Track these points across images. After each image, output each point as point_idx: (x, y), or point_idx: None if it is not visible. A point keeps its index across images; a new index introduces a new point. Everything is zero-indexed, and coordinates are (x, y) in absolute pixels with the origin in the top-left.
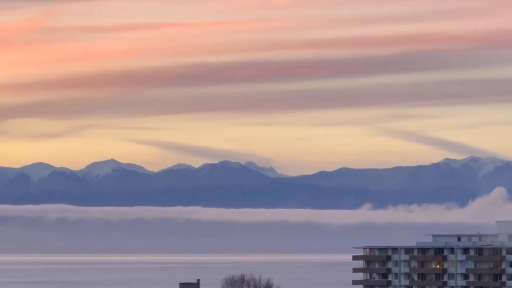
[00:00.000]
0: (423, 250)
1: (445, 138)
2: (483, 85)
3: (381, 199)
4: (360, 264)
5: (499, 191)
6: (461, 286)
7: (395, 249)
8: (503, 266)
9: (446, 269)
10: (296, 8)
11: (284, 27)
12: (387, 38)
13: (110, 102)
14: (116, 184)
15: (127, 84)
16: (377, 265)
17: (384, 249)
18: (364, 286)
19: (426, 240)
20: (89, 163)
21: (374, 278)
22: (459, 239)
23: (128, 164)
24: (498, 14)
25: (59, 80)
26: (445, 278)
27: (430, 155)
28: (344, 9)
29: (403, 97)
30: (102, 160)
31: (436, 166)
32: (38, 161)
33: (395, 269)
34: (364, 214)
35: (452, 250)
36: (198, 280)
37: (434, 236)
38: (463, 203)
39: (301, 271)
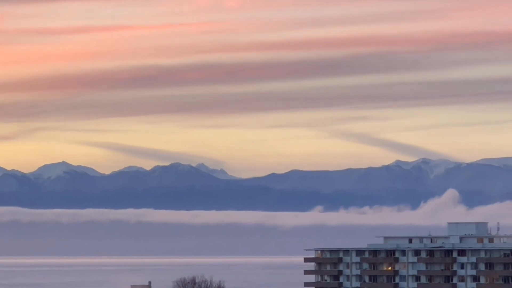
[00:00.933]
0: (374, 252)
1: (396, 140)
2: (434, 87)
3: (333, 201)
4: (312, 266)
5: (450, 193)
6: None
7: (346, 251)
8: (455, 268)
9: (397, 271)
10: (248, 10)
11: (235, 29)
12: (338, 40)
13: (61, 104)
14: (67, 186)
15: (79, 87)
16: (328, 267)
17: (336, 251)
18: None
19: (378, 242)
20: (41, 165)
21: (326, 280)
22: (410, 241)
23: (80, 166)
24: (447, 16)
25: (10, 82)
26: (397, 280)
27: (381, 157)
28: (294, 11)
29: (354, 99)
30: (54, 162)
31: (387, 168)
32: None
33: (347, 271)
34: (316, 216)
35: (403, 252)
36: (150, 282)
37: (385, 238)
38: (414, 205)
39: (253, 273)
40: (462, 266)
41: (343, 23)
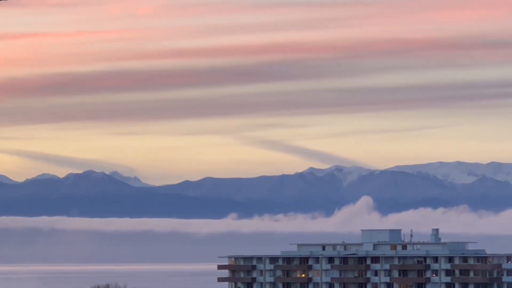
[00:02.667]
0: (288, 259)
1: (309, 147)
2: (347, 94)
3: (247, 209)
4: (225, 273)
5: (364, 200)
6: None
7: (260, 258)
8: (368, 275)
9: (311, 278)
10: (160, 17)
11: (148, 37)
12: (251, 48)
13: None
14: None
15: None
16: (242, 274)
17: (249, 258)
18: None
19: (291, 249)
20: None
21: (239, 287)
22: (324, 248)
23: None
24: (360, 23)
25: None
26: (310, 287)
27: (294, 164)
28: (207, 18)
29: (267, 106)
30: None
31: (300, 175)
32: None
33: (260, 278)
34: (230, 224)
35: (317, 259)
36: None
37: (299, 245)
38: (328, 212)
39: (167, 281)
40: (376, 273)
41: (255, 31)
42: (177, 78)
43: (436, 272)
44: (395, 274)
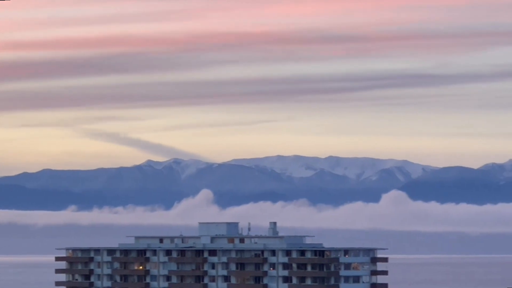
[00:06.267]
0: (125, 251)
1: (147, 140)
2: (186, 87)
3: (86, 201)
4: (63, 265)
5: (204, 193)
6: None
7: (97, 251)
8: (205, 267)
9: (148, 270)
10: None
11: None
12: (89, 40)
13: None
14: None
15: None
16: (79, 266)
17: (87, 250)
18: (66, 287)
19: (129, 242)
20: None
21: (77, 280)
22: (161, 241)
23: None
24: (199, 16)
25: None
26: (148, 279)
27: (132, 157)
28: (45, 10)
29: (105, 99)
30: None
31: (138, 167)
32: None
33: (98, 271)
34: (69, 216)
35: (154, 251)
36: None
37: (136, 237)
38: (168, 205)
39: (4, 273)
40: (213, 266)
41: (92, 23)
42: (14, 70)
43: (273, 265)
44: (233, 267)
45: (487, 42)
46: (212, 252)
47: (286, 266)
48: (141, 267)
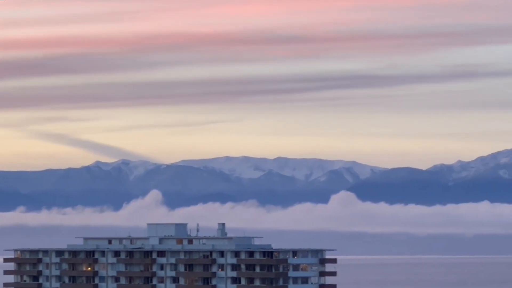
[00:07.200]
0: (74, 252)
1: (95, 141)
2: (134, 88)
3: (35, 202)
4: (11, 266)
5: (153, 194)
6: None
7: (46, 252)
8: (154, 269)
9: (97, 271)
10: None
11: None
12: (37, 41)
13: None
14: None
15: None
16: (28, 267)
17: (35, 251)
18: None
19: (78, 243)
20: None
21: (25, 281)
22: (110, 242)
23: None
24: (147, 17)
25: None
26: (96, 280)
27: (81, 158)
28: None
29: (53, 100)
30: None
31: (87, 168)
32: None
33: (46, 272)
34: (17, 217)
35: (103, 252)
36: None
37: (85, 239)
38: (117, 206)
39: None
40: (162, 267)
41: (41, 24)
42: None
43: (222, 266)
44: (181, 268)
45: (435, 43)
46: (161, 253)
47: (234, 267)
48: (89, 268)
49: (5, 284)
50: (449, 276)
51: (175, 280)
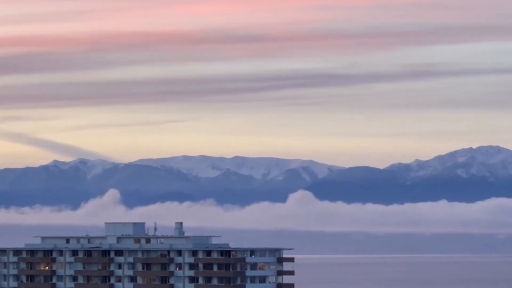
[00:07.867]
0: (32, 252)
1: (53, 140)
2: (91, 87)
3: None
4: None
5: (111, 193)
6: None
7: (3, 251)
8: (112, 268)
9: (55, 270)
10: None
11: None
12: None
13: None
14: None
15: None
16: None
17: None
18: None
19: (35, 242)
20: None
21: None
22: (68, 241)
23: None
24: (104, 16)
25: None
26: (54, 280)
27: (38, 157)
28: None
29: (11, 99)
30: None
31: (45, 168)
32: None
33: (4, 271)
34: None
35: (61, 252)
36: None
37: (43, 238)
38: (75, 205)
39: None
40: (120, 266)
41: None
42: None
43: (179, 265)
44: (139, 267)
45: (394, 42)
46: (119, 252)
47: (192, 266)
48: (47, 268)
49: None
50: (407, 274)
51: (133, 279)
